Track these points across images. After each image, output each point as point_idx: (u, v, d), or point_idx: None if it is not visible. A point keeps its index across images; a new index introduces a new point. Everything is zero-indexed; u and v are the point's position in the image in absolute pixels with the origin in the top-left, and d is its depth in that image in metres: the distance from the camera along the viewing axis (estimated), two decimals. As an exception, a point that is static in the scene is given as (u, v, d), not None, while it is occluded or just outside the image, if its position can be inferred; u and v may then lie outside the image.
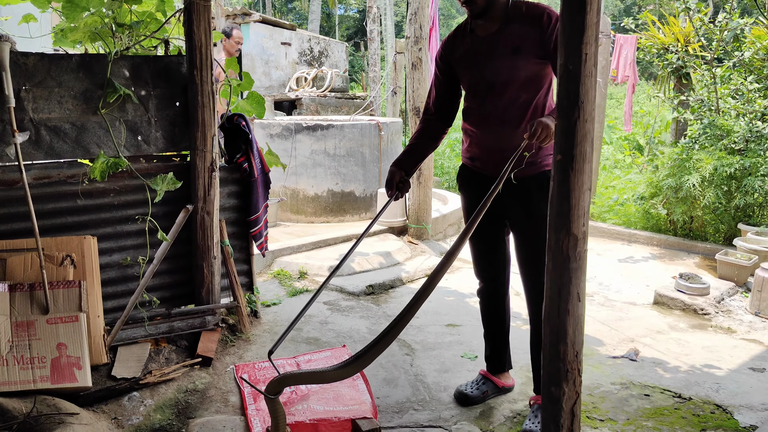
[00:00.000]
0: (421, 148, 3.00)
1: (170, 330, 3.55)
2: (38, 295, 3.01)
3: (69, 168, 3.31)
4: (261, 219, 3.97)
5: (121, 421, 2.85)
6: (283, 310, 4.32)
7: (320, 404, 2.80)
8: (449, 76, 2.89)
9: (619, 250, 6.19)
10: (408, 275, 5.10)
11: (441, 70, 2.91)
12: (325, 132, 6.82)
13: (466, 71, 2.82)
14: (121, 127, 3.39)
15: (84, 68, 3.26)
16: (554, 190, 2.09)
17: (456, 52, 2.83)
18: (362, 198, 6.97)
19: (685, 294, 4.55)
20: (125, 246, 3.50)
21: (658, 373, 3.46)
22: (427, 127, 3.00)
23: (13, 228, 3.13)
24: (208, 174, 3.60)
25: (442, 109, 2.97)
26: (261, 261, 5.14)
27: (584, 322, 2.21)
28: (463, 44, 2.80)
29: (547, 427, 2.26)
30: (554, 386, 2.22)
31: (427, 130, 3.00)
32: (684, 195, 5.92)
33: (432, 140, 3.03)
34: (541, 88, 2.71)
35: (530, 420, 2.82)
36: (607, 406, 3.07)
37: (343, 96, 10.57)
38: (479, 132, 2.84)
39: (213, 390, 3.18)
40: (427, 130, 3.00)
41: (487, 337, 3.18)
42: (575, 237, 2.09)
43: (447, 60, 2.87)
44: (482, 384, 3.12)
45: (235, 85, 3.82)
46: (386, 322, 4.16)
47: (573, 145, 2.02)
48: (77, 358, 2.93)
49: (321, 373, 2.25)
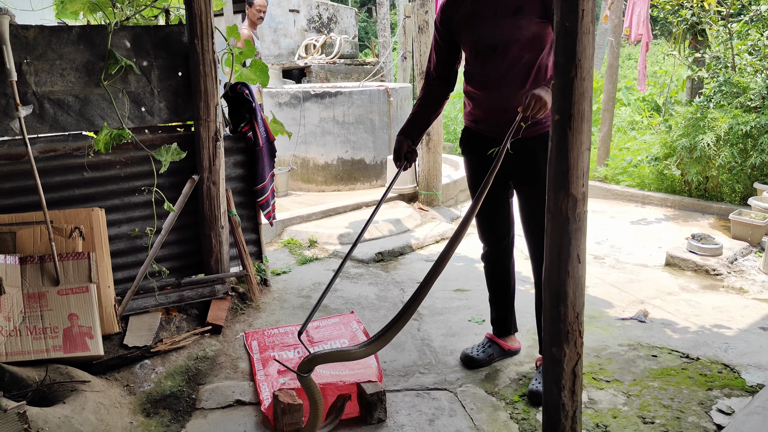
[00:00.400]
0: (425, 116, 2.97)
1: (180, 299, 3.59)
2: (48, 267, 3.05)
3: (74, 141, 3.32)
4: (267, 188, 3.98)
5: (133, 388, 2.91)
6: (293, 278, 4.36)
7: (326, 369, 2.83)
8: (449, 41, 2.85)
9: (633, 213, 6.13)
10: (418, 242, 5.10)
11: (440, 34, 2.86)
12: (334, 99, 6.77)
13: (467, 33, 2.77)
14: (124, 98, 3.39)
15: (85, 40, 3.25)
16: (552, 150, 2.07)
17: (456, 16, 2.78)
18: (372, 165, 6.95)
19: (697, 255, 4.51)
20: (133, 217, 3.53)
21: (666, 334, 3.45)
22: (429, 94, 2.97)
23: (21, 202, 3.17)
24: (212, 144, 3.60)
25: (442, 73, 2.93)
26: (271, 230, 5.17)
27: (585, 284, 2.20)
28: (463, 6, 2.75)
29: (549, 388, 2.27)
30: (555, 347, 2.22)
31: (429, 97, 2.97)
32: (698, 155, 5.82)
33: (435, 106, 2.99)
34: (543, 48, 2.66)
35: (536, 380, 2.84)
36: (614, 367, 3.07)
37: (353, 62, 10.46)
38: (482, 94, 2.82)
39: (223, 357, 3.23)
40: (429, 96, 2.97)
41: (493, 301, 3.18)
42: (574, 198, 2.07)
43: (446, 24, 2.82)
44: (488, 347, 3.13)
45: (238, 54, 3.79)
46: (395, 288, 4.18)
47: (570, 104, 1.99)
48: (89, 327, 2.98)
49: (348, 352, 2.33)
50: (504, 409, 2.73)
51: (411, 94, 7.43)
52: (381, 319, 3.67)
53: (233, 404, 2.79)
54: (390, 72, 11.19)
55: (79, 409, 2.53)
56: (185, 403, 2.82)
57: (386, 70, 10.81)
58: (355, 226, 5.31)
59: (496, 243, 3.06)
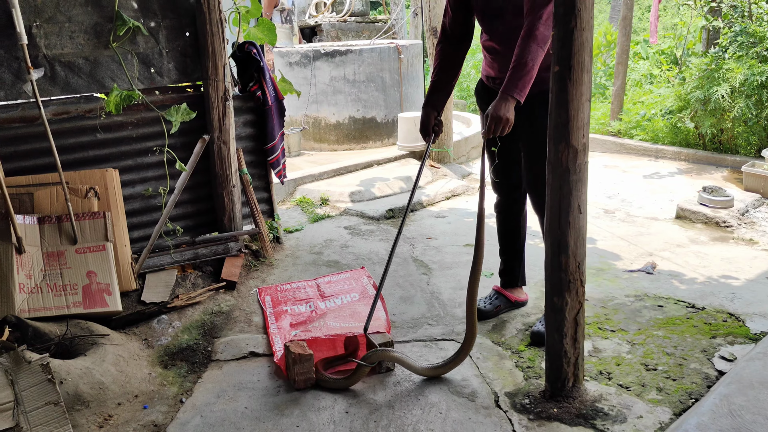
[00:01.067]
0: (444, 82, 2.93)
1: (195, 257, 3.68)
2: (66, 226, 3.14)
3: (86, 103, 3.38)
4: (278, 147, 4.02)
5: (151, 341, 3.02)
6: (305, 235, 4.43)
7: (336, 321, 2.92)
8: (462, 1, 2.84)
9: (645, 167, 6.10)
10: (429, 198, 5.14)
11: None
12: (344, 58, 6.75)
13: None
14: (133, 60, 3.43)
15: (92, 2, 3.27)
16: (552, 101, 2.09)
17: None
18: (384, 124, 6.95)
19: (707, 207, 4.51)
20: (146, 177, 3.60)
21: (673, 285, 3.49)
22: (445, 59, 2.92)
23: (37, 163, 3.24)
24: (221, 103, 3.64)
25: (456, 29, 2.90)
26: (283, 189, 5.23)
27: (586, 234, 2.24)
28: None
29: (551, 336, 2.34)
30: (557, 296, 2.28)
31: (445, 62, 2.92)
32: (713, 107, 5.75)
33: (453, 69, 2.95)
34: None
35: (540, 322, 2.92)
36: (620, 317, 3.12)
37: (364, 20, 10.35)
38: (490, 54, 2.86)
39: (237, 311, 3.33)
40: (445, 61, 2.92)
41: (501, 252, 3.23)
42: (575, 149, 2.10)
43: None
44: (495, 299, 3.20)
45: (244, 13, 3.79)
46: (405, 244, 4.24)
47: (570, 54, 2.00)
48: (107, 284, 3.08)
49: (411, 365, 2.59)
50: (510, 357, 2.80)
51: (422, 51, 7.37)
52: (391, 273, 3.74)
53: (247, 356, 2.89)
54: (402, 29, 11.05)
55: (100, 361, 2.64)
56: (201, 356, 2.92)
57: (398, 28, 10.68)
58: (366, 184, 5.35)
59: (508, 193, 3.09)
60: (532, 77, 2.51)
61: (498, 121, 2.51)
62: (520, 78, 2.49)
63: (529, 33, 2.48)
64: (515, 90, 2.50)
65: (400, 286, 3.57)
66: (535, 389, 2.51)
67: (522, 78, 2.49)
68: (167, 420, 2.45)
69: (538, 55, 2.49)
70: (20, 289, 2.85)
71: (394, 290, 3.51)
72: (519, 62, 2.49)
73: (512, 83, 2.50)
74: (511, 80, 2.51)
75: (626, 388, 2.51)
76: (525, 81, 2.50)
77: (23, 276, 2.91)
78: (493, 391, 2.54)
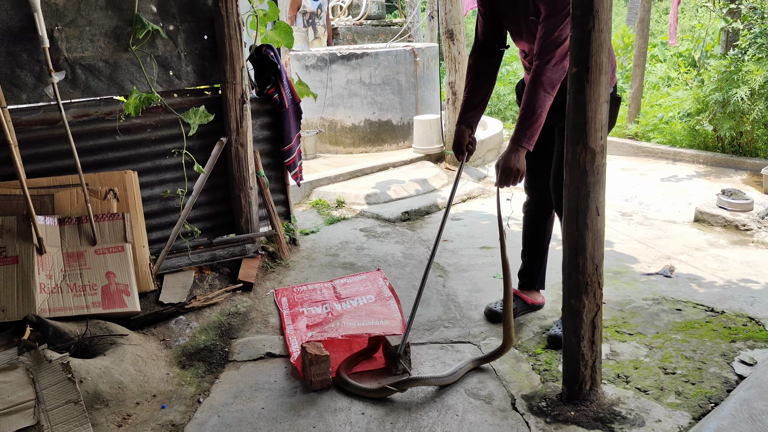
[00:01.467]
0: (478, 99, 2.90)
1: (212, 258, 3.71)
2: (85, 227, 3.18)
3: (106, 105, 3.42)
4: (294, 149, 4.04)
5: (169, 342, 3.04)
6: (321, 237, 4.44)
7: (352, 321, 2.92)
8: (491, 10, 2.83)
9: (663, 170, 6.05)
10: (444, 201, 5.14)
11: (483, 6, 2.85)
12: (360, 61, 6.77)
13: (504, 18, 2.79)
14: (152, 62, 3.46)
15: (112, 5, 3.31)
16: (570, 102, 2.08)
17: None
18: (399, 126, 6.96)
19: (727, 210, 4.46)
20: (165, 179, 3.63)
21: (692, 288, 3.46)
22: (478, 72, 2.88)
23: (58, 165, 3.28)
24: (239, 106, 3.66)
25: (488, 41, 2.88)
26: (300, 191, 5.25)
27: (604, 236, 2.23)
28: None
29: (569, 338, 2.33)
30: (574, 299, 2.27)
31: (479, 76, 2.88)
32: (732, 109, 5.70)
33: (486, 84, 2.90)
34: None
35: (557, 325, 2.91)
36: (638, 320, 3.10)
37: (380, 23, 10.38)
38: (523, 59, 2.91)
39: (254, 312, 3.34)
40: (478, 75, 2.88)
41: (523, 253, 3.23)
42: (592, 150, 2.09)
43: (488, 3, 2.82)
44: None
45: (262, 16, 3.82)
46: (421, 246, 4.24)
47: (588, 56, 2.00)
48: (125, 285, 3.11)
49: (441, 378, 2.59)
50: (526, 360, 2.79)
51: (438, 54, 7.38)
52: (407, 276, 3.74)
53: (264, 356, 2.91)
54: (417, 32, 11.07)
55: (119, 361, 2.66)
56: (218, 356, 2.94)
57: (414, 30, 10.70)
58: (381, 186, 5.36)
59: (539, 193, 3.07)
60: (541, 124, 2.54)
61: (509, 173, 2.58)
62: (529, 127, 2.53)
63: (536, 80, 2.50)
64: (524, 140, 2.55)
65: (416, 288, 3.56)
66: (552, 392, 2.50)
67: (530, 127, 2.53)
68: (185, 420, 2.47)
69: (546, 101, 2.51)
70: (41, 289, 2.89)
71: (411, 292, 3.51)
72: (527, 111, 2.52)
73: (521, 133, 2.55)
74: (520, 130, 2.55)
75: (644, 392, 2.49)
76: (534, 129, 2.54)
77: (44, 276, 2.95)
78: (510, 394, 2.53)
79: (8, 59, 3.09)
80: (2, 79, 3.08)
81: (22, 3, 3.06)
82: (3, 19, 3.06)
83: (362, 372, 2.71)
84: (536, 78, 2.49)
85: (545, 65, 2.47)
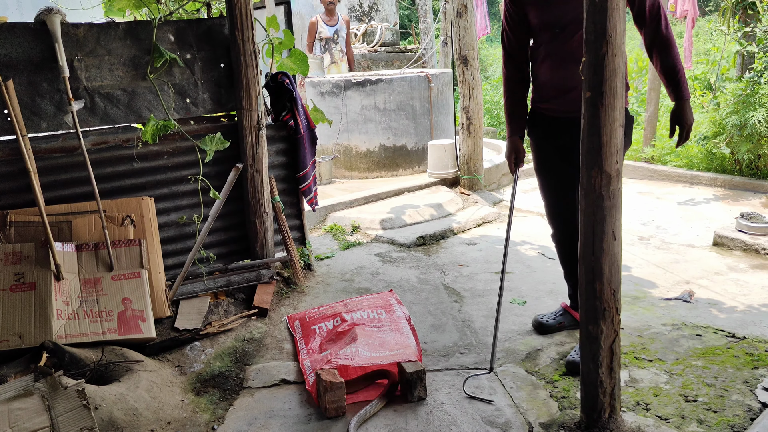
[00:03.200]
0: (522, 106, 3.06)
1: (228, 284, 3.72)
2: (102, 253, 3.21)
3: (124, 133, 3.46)
4: (309, 175, 4.06)
5: (184, 368, 3.04)
6: (336, 262, 4.44)
7: (367, 350, 2.90)
8: (521, 17, 2.90)
9: (680, 193, 6.00)
10: (459, 225, 5.12)
11: (511, 12, 2.92)
12: (375, 87, 6.82)
13: (537, 11, 2.83)
14: (169, 90, 3.52)
15: (131, 35, 3.38)
16: (584, 126, 2.08)
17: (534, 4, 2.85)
18: (414, 151, 6.98)
19: (746, 234, 4.40)
20: (181, 206, 3.66)
21: (712, 313, 3.40)
22: (515, 84, 3.03)
23: (76, 192, 3.32)
24: (255, 133, 3.70)
25: (516, 52, 2.99)
26: (315, 216, 5.26)
27: (621, 261, 2.21)
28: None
29: (587, 365, 2.29)
30: (592, 325, 2.24)
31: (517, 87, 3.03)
32: (749, 132, 5.66)
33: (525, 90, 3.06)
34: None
35: (575, 351, 2.87)
36: (657, 346, 3.05)
37: (394, 50, 10.47)
38: (549, 72, 2.89)
39: (269, 338, 3.34)
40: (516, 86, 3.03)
41: (567, 277, 3.22)
42: (608, 174, 2.08)
43: (518, 2, 2.88)
44: (560, 315, 3.22)
45: (277, 44, 3.87)
46: (436, 271, 4.22)
47: (602, 80, 2.00)
48: (141, 311, 3.12)
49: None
50: (544, 387, 2.75)
51: (452, 80, 7.41)
52: (422, 301, 3.72)
53: (279, 383, 2.89)
54: (432, 58, 11.15)
55: (134, 387, 2.66)
56: (233, 383, 2.93)
57: (428, 57, 10.78)
58: (396, 211, 5.36)
59: (564, 224, 3.06)
60: (685, 76, 2.72)
61: (691, 127, 2.72)
62: (683, 81, 2.69)
63: (667, 43, 2.66)
64: (687, 92, 2.70)
65: (432, 313, 3.55)
66: (570, 420, 2.46)
67: (685, 81, 2.70)
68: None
69: (678, 55, 2.69)
70: (58, 315, 2.91)
71: (426, 318, 3.48)
72: (673, 70, 2.68)
73: (681, 88, 2.69)
74: (679, 87, 2.69)
75: (665, 420, 2.44)
76: (686, 81, 2.71)
77: (61, 302, 2.97)
78: (527, 422, 2.49)
79: (29, 89, 3.16)
80: (23, 108, 3.14)
81: (43, 34, 3.13)
82: (25, 50, 3.12)
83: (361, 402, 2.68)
84: (666, 41, 2.66)
85: (664, 29, 2.66)
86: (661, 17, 2.65)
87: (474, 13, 5.76)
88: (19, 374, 2.60)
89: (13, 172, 3.15)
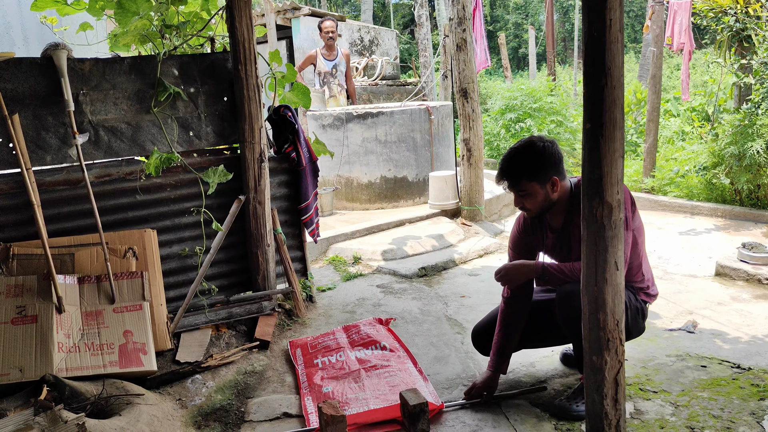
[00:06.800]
0: (513, 342, 2.93)
1: (229, 316, 3.70)
2: (104, 286, 3.21)
3: (127, 165, 3.49)
4: (311, 206, 4.08)
5: (185, 401, 3.01)
6: (338, 294, 4.43)
7: (377, 402, 2.86)
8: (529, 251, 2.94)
9: (681, 223, 6.01)
10: (461, 256, 5.12)
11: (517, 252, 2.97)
12: (376, 119, 6.88)
13: (552, 257, 2.89)
14: (173, 124, 3.55)
15: (135, 70, 3.43)
16: (584, 157, 2.09)
17: (540, 244, 2.90)
18: (415, 183, 7.01)
19: (748, 264, 4.40)
20: (183, 237, 3.67)
21: (716, 344, 3.38)
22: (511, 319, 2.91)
23: (79, 224, 3.34)
24: (257, 165, 3.72)
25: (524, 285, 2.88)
26: (316, 248, 5.27)
27: (624, 291, 2.20)
28: (546, 238, 2.87)
29: (591, 396, 2.27)
30: (596, 355, 2.22)
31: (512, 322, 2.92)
32: (748, 162, 5.69)
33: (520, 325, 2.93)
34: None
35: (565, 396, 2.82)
36: (661, 378, 3.03)
37: (395, 83, 10.59)
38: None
39: (270, 371, 3.31)
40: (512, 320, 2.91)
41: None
42: (609, 205, 2.09)
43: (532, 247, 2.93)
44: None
45: (280, 78, 3.93)
46: (438, 302, 4.20)
47: (601, 111, 2.02)
48: (143, 344, 3.10)
49: None
50: (548, 420, 2.72)
51: (452, 112, 7.48)
52: (424, 332, 3.70)
53: (280, 416, 2.86)
54: (432, 91, 11.28)
55: (134, 421, 2.63)
56: (234, 416, 2.90)
57: (428, 89, 10.90)
58: (398, 242, 5.36)
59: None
60: (564, 282, 2.66)
61: (509, 271, 2.76)
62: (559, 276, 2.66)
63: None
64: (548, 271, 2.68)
65: (434, 345, 3.53)
66: (575, 453, 2.43)
67: (559, 279, 2.66)
68: (200, 482, 2.41)
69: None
70: (59, 348, 2.89)
71: (428, 350, 3.46)
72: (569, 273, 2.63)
73: (553, 269, 2.68)
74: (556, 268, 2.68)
75: (672, 453, 2.41)
76: (558, 279, 2.67)
77: (62, 335, 2.95)
78: (532, 455, 2.46)
79: (34, 122, 3.19)
80: (28, 142, 3.17)
81: (49, 69, 3.18)
82: (31, 84, 3.17)
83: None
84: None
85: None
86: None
87: (473, 46, 5.85)
88: (19, 408, 2.58)
89: (17, 204, 3.17)
